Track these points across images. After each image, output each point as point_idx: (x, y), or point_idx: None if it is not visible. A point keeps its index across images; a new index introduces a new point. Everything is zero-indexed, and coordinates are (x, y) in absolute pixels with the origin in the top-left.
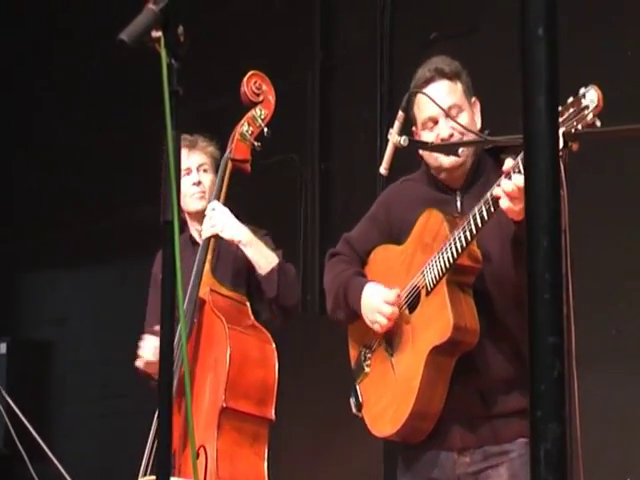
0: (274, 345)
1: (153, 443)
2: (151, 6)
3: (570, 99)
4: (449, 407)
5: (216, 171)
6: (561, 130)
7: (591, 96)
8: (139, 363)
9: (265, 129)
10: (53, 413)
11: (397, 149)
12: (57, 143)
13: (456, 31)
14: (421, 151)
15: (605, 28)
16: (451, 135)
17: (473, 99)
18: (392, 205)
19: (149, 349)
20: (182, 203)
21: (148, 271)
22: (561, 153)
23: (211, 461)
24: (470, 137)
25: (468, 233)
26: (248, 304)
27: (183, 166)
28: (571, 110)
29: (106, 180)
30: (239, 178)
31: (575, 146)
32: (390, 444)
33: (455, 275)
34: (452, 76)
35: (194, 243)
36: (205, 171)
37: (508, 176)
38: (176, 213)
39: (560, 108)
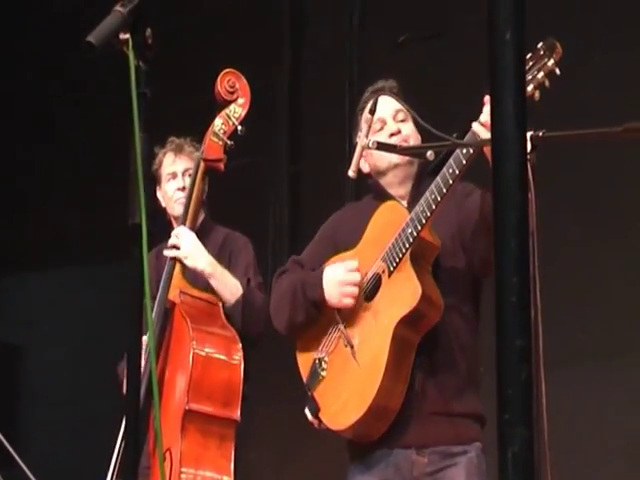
0: (240, 345)
1: (120, 450)
2: (119, 8)
3: (530, 53)
4: (409, 403)
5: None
6: (529, 134)
7: (550, 45)
8: None
9: (239, 127)
10: (21, 416)
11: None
12: (28, 147)
13: (425, 33)
14: (366, 160)
15: (572, 31)
16: (399, 131)
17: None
18: (338, 228)
19: None
20: (167, 207)
21: (118, 274)
22: (529, 156)
23: (175, 464)
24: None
25: (432, 202)
26: (220, 304)
27: (169, 170)
28: (532, 62)
29: (77, 182)
30: (210, 179)
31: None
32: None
33: (418, 249)
34: (398, 94)
35: None
36: (190, 176)
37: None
38: (144, 216)
39: None
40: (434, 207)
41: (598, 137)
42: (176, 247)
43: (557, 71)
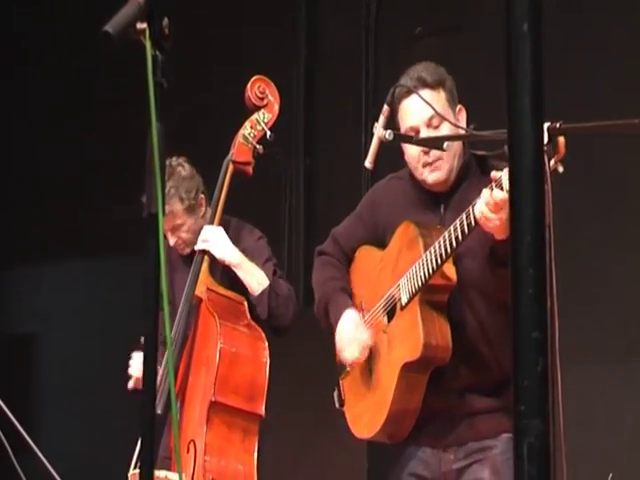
0: (267, 344)
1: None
2: None
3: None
4: (428, 406)
5: (193, 208)
6: (546, 125)
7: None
8: (131, 384)
9: (268, 133)
10: (34, 407)
11: (382, 143)
12: (40, 138)
13: (441, 27)
14: (408, 161)
15: (590, 26)
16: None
17: (458, 107)
18: (378, 205)
19: (138, 366)
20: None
21: (133, 265)
22: (545, 148)
23: (199, 455)
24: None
25: (441, 254)
26: (245, 304)
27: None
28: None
29: (93, 175)
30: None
31: (560, 168)
32: (374, 443)
33: (427, 294)
34: (435, 85)
35: (187, 257)
36: (181, 225)
37: (491, 186)
38: (160, 206)
39: None
40: (442, 260)
41: (615, 129)
42: (204, 241)
43: (560, 169)
